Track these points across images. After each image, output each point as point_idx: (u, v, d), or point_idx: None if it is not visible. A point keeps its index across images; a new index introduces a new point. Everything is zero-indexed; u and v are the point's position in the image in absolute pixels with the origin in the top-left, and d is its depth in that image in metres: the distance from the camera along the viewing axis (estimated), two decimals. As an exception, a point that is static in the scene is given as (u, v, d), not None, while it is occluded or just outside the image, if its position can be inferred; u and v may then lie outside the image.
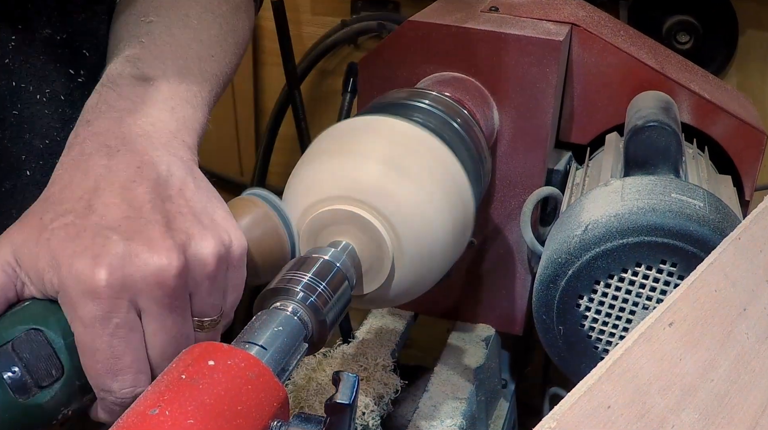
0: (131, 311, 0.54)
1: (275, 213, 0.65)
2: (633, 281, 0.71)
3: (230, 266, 0.59)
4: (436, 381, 0.88)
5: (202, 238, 0.56)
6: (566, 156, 0.96)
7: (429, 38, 0.89)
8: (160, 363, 0.56)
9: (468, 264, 0.96)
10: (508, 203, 0.93)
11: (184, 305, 0.56)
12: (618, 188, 0.76)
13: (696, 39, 1.44)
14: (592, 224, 0.72)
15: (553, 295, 0.74)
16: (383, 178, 0.65)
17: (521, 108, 0.88)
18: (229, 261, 0.58)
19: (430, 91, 0.80)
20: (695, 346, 0.55)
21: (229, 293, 0.60)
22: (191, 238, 0.56)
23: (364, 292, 0.67)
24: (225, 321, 0.61)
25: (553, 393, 1.01)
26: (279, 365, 0.53)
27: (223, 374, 0.48)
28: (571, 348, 0.75)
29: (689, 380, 0.53)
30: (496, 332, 0.98)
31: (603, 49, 0.91)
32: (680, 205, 0.71)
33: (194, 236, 0.56)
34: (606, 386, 0.48)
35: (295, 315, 0.57)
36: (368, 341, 0.92)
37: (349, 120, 0.71)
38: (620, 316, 0.73)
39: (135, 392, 0.55)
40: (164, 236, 0.54)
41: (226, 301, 0.59)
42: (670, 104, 0.88)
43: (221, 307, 0.59)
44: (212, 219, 0.59)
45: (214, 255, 0.56)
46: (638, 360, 0.51)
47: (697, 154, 0.91)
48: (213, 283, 0.57)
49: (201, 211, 0.58)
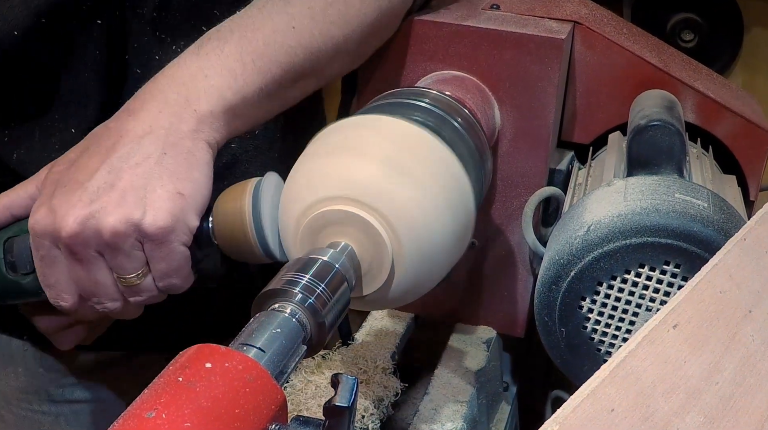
0: (53, 249, 0.69)
1: (250, 201, 0.71)
2: (636, 282, 0.71)
3: (145, 239, 0.68)
4: (436, 384, 0.88)
5: (110, 214, 0.67)
6: (568, 156, 0.96)
7: (429, 36, 0.89)
8: (81, 291, 0.71)
9: (469, 265, 0.96)
10: (510, 204, 0.93)
11: (86, 259, 0.69)
12: (621, 188, 0.75)
13: (700, 37, 1.44)
14: (594, 224, 0.72)
15: (555, 296, 0.74)
16: (383, 179, 0.65)
17: (523, 107, 0.88)
18: (141, 235, 0.68)
19: (430, 90, 0.80)
20: (700, 348, 0.55)
21: (156, 262, 0.69)
22: (100, 211, 0.67)
23: (364, 293, 0.67)
24: (162, 284, 0.71)
25: (556, 396, 1.01)
26: (277, 367, 0.53)
27: (220, 376, 0.48)
28: (573, 350, 0.75)
29: (694, 383, 0.53)
30: (497, 334, 0.98)
31: (606, 47, 0.91)
32: (684, 206, 0.71)
33: (105, 209, 0.67)
34: (609, 389, 0.48)
35: (294, 317, 0.57)
36: (368, 344, 0.92)
37: (348, 119, 0.71)
38: (623, 318, 0.73)
39: (59, 302, 0.72)
40: (79, 204, 0.67)
41: (155, 267, 0.70)
42: (674, 103, 0.88)
43: (140, 268, 0.69)
44: (141, 197, 0.67)
45: (110, 229, 0.67)
46: (642, 363, 0.51)
47: (701, 154, 0.91)
48: (115, 250, 0.68)
49: (138, 187, 0.67)
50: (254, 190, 0.72)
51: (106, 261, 0.69)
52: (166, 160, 0.69)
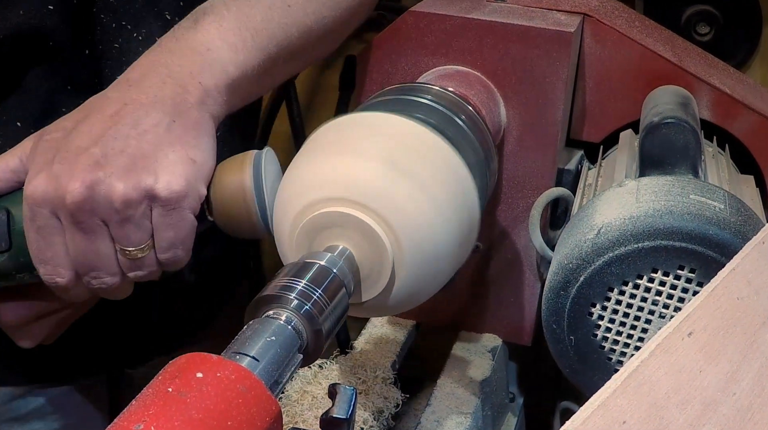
0: (52, 219, 0.68)
1: (251, 173, 0.72)
2: (649, 287, 0.71)
3: (155, 205, 0.68)
4: (439, 394, 0.88)
5: (120, 179, 0.67)
6: (578, 155, 0.96)
7: (432, 29, 0.89)
8: (78, 266, 0.70)
9: (473, 270, 0.96)
10: (516, 205, 0.93)
11: (91, 228, 0.68)
12: (633, 189, 0.76)
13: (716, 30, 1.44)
14: (605, 227, 0.72)
15: (563, 303, 0.74)
16: (383, 179, 0.65)
17: (530, 104, 0.88)
18: (153, 202, 0.68)
19: (432, 86, 0.80)
20: (716, 357, 0.55)
21: (162, 231, 0.69)
22: (109, 176, 0.67)
23: (363, 299, 0.67)
24: (167, 256, 0.71)
25: (564, 408, 1.01)
26: (272, 377, 0.53)
27: (212, 387, 0.48)
28: (583, 360, 0.75)
29: (710, 394, 0.53)
30: (503, 343, 0.98)
31: (617, 40, 0.91)
32: (699, 207, 0.71)
33: (113, 174, 0.67)
34: (621, 401, 0.48)
35: (289, 324, 0.57)
36: (367, 352, 0.92)
37: (346, 116, 0.71)
38: (635, 325, 0.73)
39: (55, 280, 0.71)
40: (86, 169, 0.67)
41: (160, 237, 0.70)
42: (689, 100, 0.88)
43: (146, 240, 0.69)
44: (151, 163, 0.68)
45: (121, 195, 0.67)
46: (655, 372, 0.51)
47: (717, 153, 0.91)
48: (124, 218, 0.68)
49: (148, 153, 0.68)
50: (255, 162, 0.73)
51: (110, 231, 0.69)
52: (175, 127, 0.70)
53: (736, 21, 1.45)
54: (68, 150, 0.68)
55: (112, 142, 0.68)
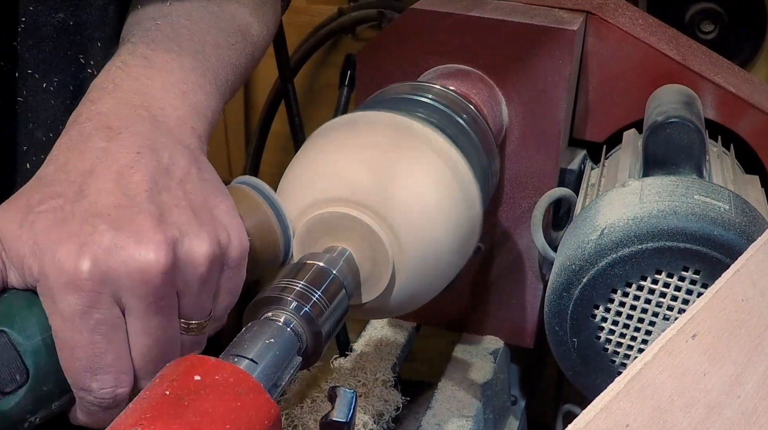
0: (114, 307, 0.54)
1: (268, 206, 0.65)
2: (653, 289, 0.71)
3: (226, 267, 0.58)
4: (440, 398, 0.88)
5: (197, 235, 0.56)
6: (580, 155, 0.96)
7: (432, 28, 0.89)
8: (143, 365, 0.56)
9: (474, 271, 0.96)
10: (518, 206, 0.93)
11: (170, 305, 0.55)
12: (636, 189, 0.76)
13: (721, 28, 1.44)
14: (608, 227, 0.72)
15: (566, 304, 0.74)
16: (383, 179, 0.65)
17: (532, 103, 0.88)
18: (225, 262, 0.58)
19: (433, 85, 0.80)
20: (721, 360, 0.55)
21: (223, 296, 0.59)
22: (185, 234, 0.55)
23: (363, 301, 0.67)
24: (216, 325, 0.61)
25: (567, 411, 1.01)
26: (271, 380, 0.53)
27: (210, 389, 0.48)
28: (585, 362, 0.75)
29: (714, 397, 0.53)
30: (505, 345, 0.98)
31: (620, 39, 0.91)
32: (704, 208, 0.71)
33: (188, 232, 0.56)
34: (624, 404, 0.48)
35: (288, 326, 0.57)
36: (367, 355, 0.92)
37: (346, 116, 0.71)
38: (639, 327, 0.73)
39: (116, 392, 0.55)
40: (155, 230, 0.54)
41: (218, 304, 0.59)
42: (693, 99, 0.88)
43: (211, 310, 0.59)
44: (212, 215, 0.58)
45: (207, 255, 0.56)
46: (659, 375, 0.51)
47: (722, 153, 0.91)
48: (204, 285, 0.57)
49: (201, 205, 0.58)
50: (260, 194, 0.66)
51: (181, 306, 0.57)
52: (205, 175, 0.60)
53: (740, 19, 1.45)
54: (110, 213, 0.54)
55: (158, 196, 0.56)
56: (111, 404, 0.56)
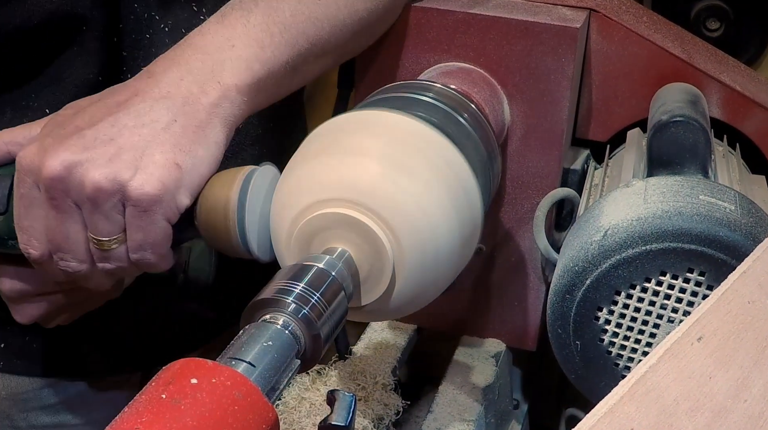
0: (34, 189, 0.70)
1: (239, 189, 0.71)
2: (657, 291, 0.71)
3: (127, 203, 0.68)
4: (441, 401, 0.88)
5: (97, 166, 0.67)
6: (584, 154, 0.96)
7: (433, 25, 0.89)
8: (49, 243, 0.71)
9: (476, 273, 0.96)
10: (520, 206, 0.93)
11: (63, 207, 0.69)
12: (640, 190, 0.76)
13: (727, 26, 1.45)
14: (612, 228, 0.72)
15: (569, 307, 0.74)
16: (383, 179, 0.65)
17: (534, 102, 0.88)
18: (124, 198, 0.68)
19: (434, 84, 0.80)
20: (727, 363, 0.55)
21: (132, 230, 0.70)
22: (89, 161, 0.68)
23: (362, 303, 0.67)
24: (135, 256, 0.71)
25: (570, 415, 1.01)
26: (268, 383, 0.53)
27: (207, 393, 0.48)
28: (589, 365, 0.75)
29: (720, 401, 0.53)
30: (506, 348, 0.98)
31: (624, 36, 0.91)
32: (709, 209, 0.71)
33: (94, 161, 0.68)
34: (628, 407, 0.48)
35: (287, 329, 0.57)
36: (366, 358, 0.92)
37: (345, 115, 0.71)
38: (643, 330, 0.73)
39: (28, 250, 0.72)
40: (70, 148, 0.68)
41: (130, 236, 0.70)
42: (698, 97, 0.88)
43: (116, 234, 0.70)
44: (136, 158, 0.68)
45: (94, 183, 0.67)
46: (664, 378, 0.51)
47: (727, 153, 0.91)
48: (94, 206, 0.68)
49: (135, 148, 0.68)
50: (245, 179, 0.71)
51: (83, 216, 0.70)
52: (174, 127, 0.69)
53: (747, 16, 1.45)
54: (66, 127, 0.70)
55: (107, 128, 0.69)
56: (29, 258, 0.73)
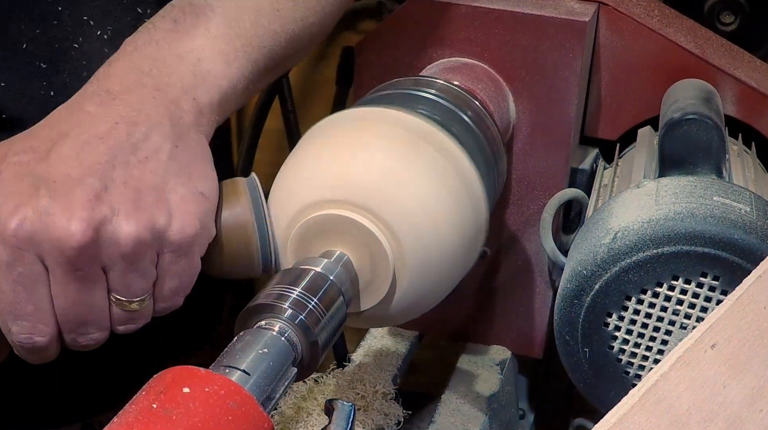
0: (37, 265, 0.61)
1: (251, 204, 0.68)
2: (669, 296, 0.71)
3: (166, 250, 0.63)
4: (443, 411, 0.88)
5: (128, 217, 0.61)
6: (592, 154, 0.96)
7: (436, 19, 0.89)
8: (64, 323, 0.63)
9: (480, 277, 0.96)
10: (527, 208, 0.93)
11: (89, 276, 0.62)
12: (652, 190, 0.76)
13: (742, 20, 1.44)
14: (622, 231, 0.72)
15: (577, 312, 0.74)
16: (383, 179, 0.65)
17: (541, 99, 0.88)
18: (162, 245, 0.63)
19: (436, 80, 0.80)
20: (742, 371, 0.55)
21: (167, 279, 0.64)
22: (116, 213, 0.61)
23: (362, 309, 0.67)
24: (164, 305, 0.66)
25: (578, 425, 1.01)
26: (264, 392, 0.53)
27: (199, 402, 0.48)
28: (598, 373, 0.75)
29: (735, 411, 0.53)
30: (512, 355, 0.98)
31: (635, 31, 0.91)
32: (723, 210, 0.71)
33: (120, 212, 0.61)
34: (639, 418, 0.48)
35: (283, 335, 0.57)
36: (366, 366, 0.92)
37: (344, 112, 0.71)
38: (654, 336, 0.73)
39: (33, 339, 0.63)
40: (86, 205, 0.60)
41: (162, 285, 0.65)
42: (712, 94, 0.88)
43: (148, 290, 0.64)
44: (161, 198, 0.63)
45: (132, 237, 0.61)
46: (676, 387, 0.51)
47: (742, 151, 0.91)
48: (131, 265, 0.62)
49: (154, 186, 0.63)
50: (251, 191, 0.69)
51: (109, 280, 0.63)
52: (179, 154, 0.65)
53: (762, 10, 1.45)
54: (56, 180, 0.61)
55: (110, 171, 0.62)
56: (32, 349, 0.64)
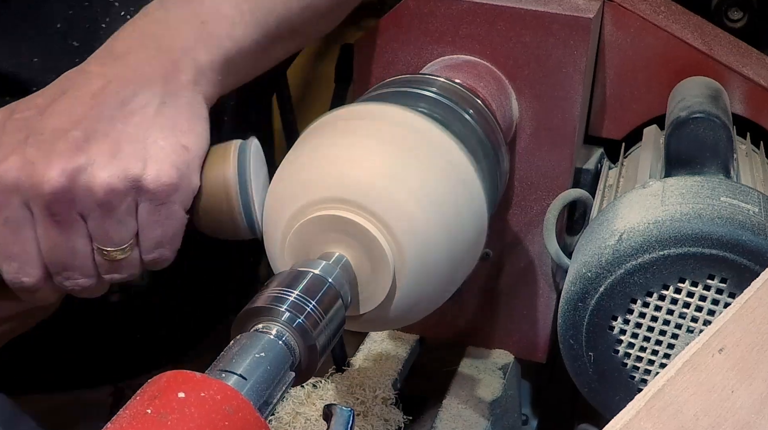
0: (23, 209, 0.66)
1: (236, 165, 0.71)
2: (675, 299, 0.71)
3: (143, 199, 0.67)
4: (444, 416, 0.88)
5: (102, 167, 0.65)
6: (597, 153, 0.96)
7: (437, 15, 0.89)
8: (50, 266, 0.68)
9: (482, 279, 0.96)
10: (530, 208, 0.93)
11: (67, 222, 0.66)
12: (658, 191, 0.76)
13: (750, 16, 1.44)
14: (627, 232, 0.72)
15: (581, 316, 0.74)
16: (383, 179, 0.65)
17: (544, 97, 0.88)
18: (140, 193, 0.66)
19: (437, 78, 0.80)
20: (750, 376, 0.55)
21: (148, 229, 0.68)
22: (91, 163, 0.65)
23: (361, 312, 0.67)
24: (151, 256, 0.70)
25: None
26: (261, 397, 0.53)
27: (195, 408, 0.48)
28: (603, 378, 0.75)
29: (743, 416, 0.53)
30: (515, 360, 0.98)
31: (640, 27, 0.91)
32: (731, 211, 0.71)
33: (95, 162, 0.65)
34: (645, 423, 0.48)
35: (280, 339, 0.57)
36: (366, 370, 0.92)
37: (342, 109, 0.71)
38: (661, 340, 0.73)
39: (21, 279, 0.68)
40: (64, 154, 0.65)
41: (145, 235, 0.68)
42: (720, 92, 0.88)
43: (128, 240, 0.68)
44: (139, 148, 0.66)
45: (106, 186, 0.65)
46: (683, 392, 0.51)
47: (750, 151, 0.91)
48: (107, 212, 0.66)
49: (135, 139, 0.67)
50: (239, 153, 0.72)
51: (89, 227, 0.67)
52: (166, 110, 0.69)
53: (771, 6, 1.45)
54: (44, 132, 0.66)
55: (94, 124, 0.67)
56: (20, 288, 0.69)
